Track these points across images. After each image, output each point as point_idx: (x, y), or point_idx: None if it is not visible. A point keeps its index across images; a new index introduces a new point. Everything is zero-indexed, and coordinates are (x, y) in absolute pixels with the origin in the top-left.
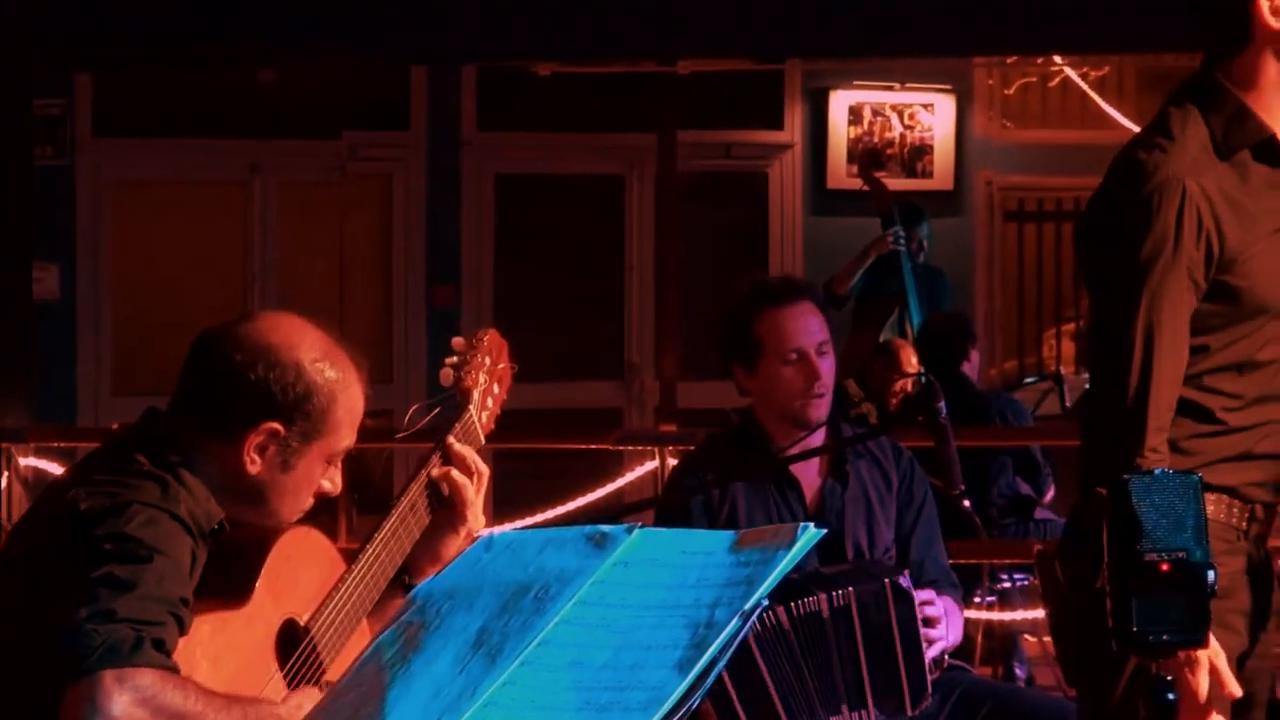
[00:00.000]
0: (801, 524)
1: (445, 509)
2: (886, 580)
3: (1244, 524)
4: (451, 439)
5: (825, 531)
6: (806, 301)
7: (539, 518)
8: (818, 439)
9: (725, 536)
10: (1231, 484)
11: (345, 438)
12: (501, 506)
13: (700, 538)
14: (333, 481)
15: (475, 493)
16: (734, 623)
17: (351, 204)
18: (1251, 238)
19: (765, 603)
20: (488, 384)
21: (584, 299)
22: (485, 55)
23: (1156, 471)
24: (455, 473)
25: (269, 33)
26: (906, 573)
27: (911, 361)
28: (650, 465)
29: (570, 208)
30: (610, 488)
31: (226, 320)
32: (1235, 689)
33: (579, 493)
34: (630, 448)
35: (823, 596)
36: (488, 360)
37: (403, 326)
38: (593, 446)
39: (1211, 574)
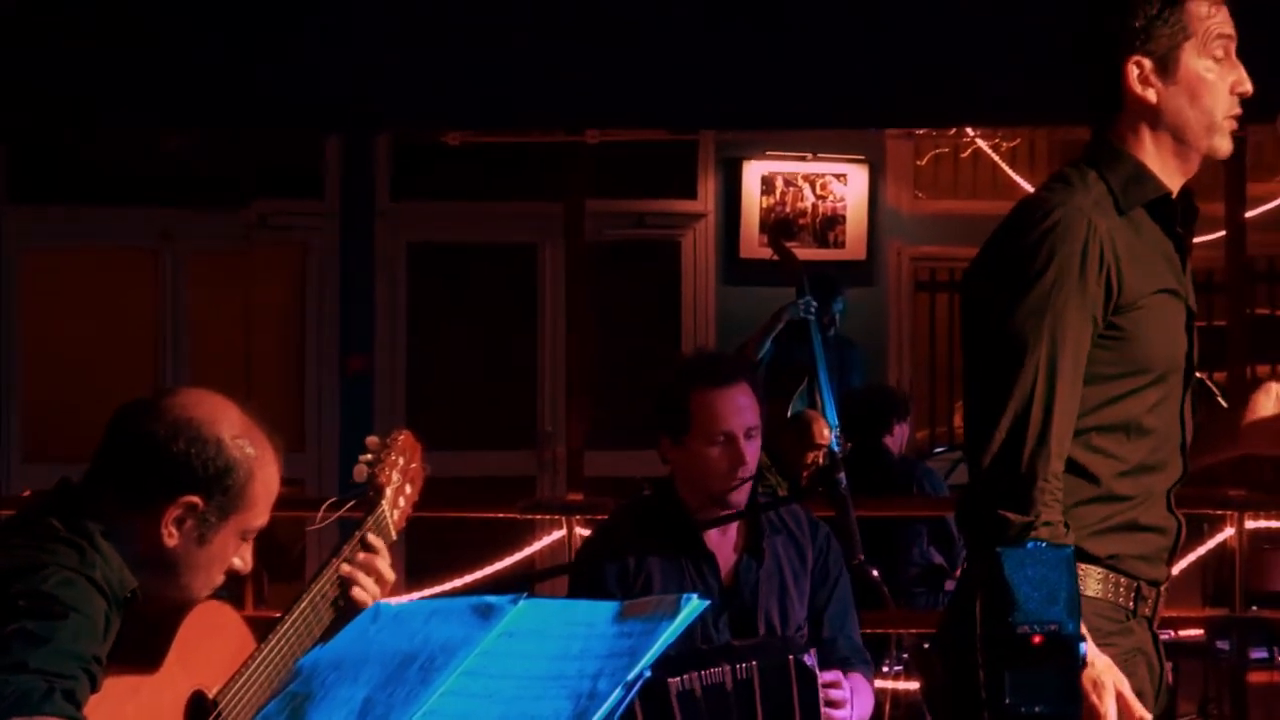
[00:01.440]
0: (684, 595)
1: (348, 608)
2: (791, 657)
3: (1131, 603)
4: (372, 537)
5: (709, 603)
6: (743, 384)
7: (452, 584)
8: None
9: (609, 607)
10: (1116, 553)
11: (261, 514)
12: (414, 575)
13: (584, 608)
14: (244, 559)
15: (375, 593)
16: (616, 693)
17: (265, 272)
18: (1146, 287)
19: (648, 673)
20: (400, 483)
21: (497, 367)
22: (396, 124)
23: (1029, 544)
24: (361, 579)
25: (180, 99)
26: (813, 652)
27: (824, 434)
28: (558, 534)
29: (484, 276)
30: (520, 556)
31: (146, 394)
32: (1144, 714)
33: (491, 561)
34: (539, 516)
35: (727, 668)
36: (401, 460)
37: (316, 395)
38: (499, 515)
39: (1084, 647)
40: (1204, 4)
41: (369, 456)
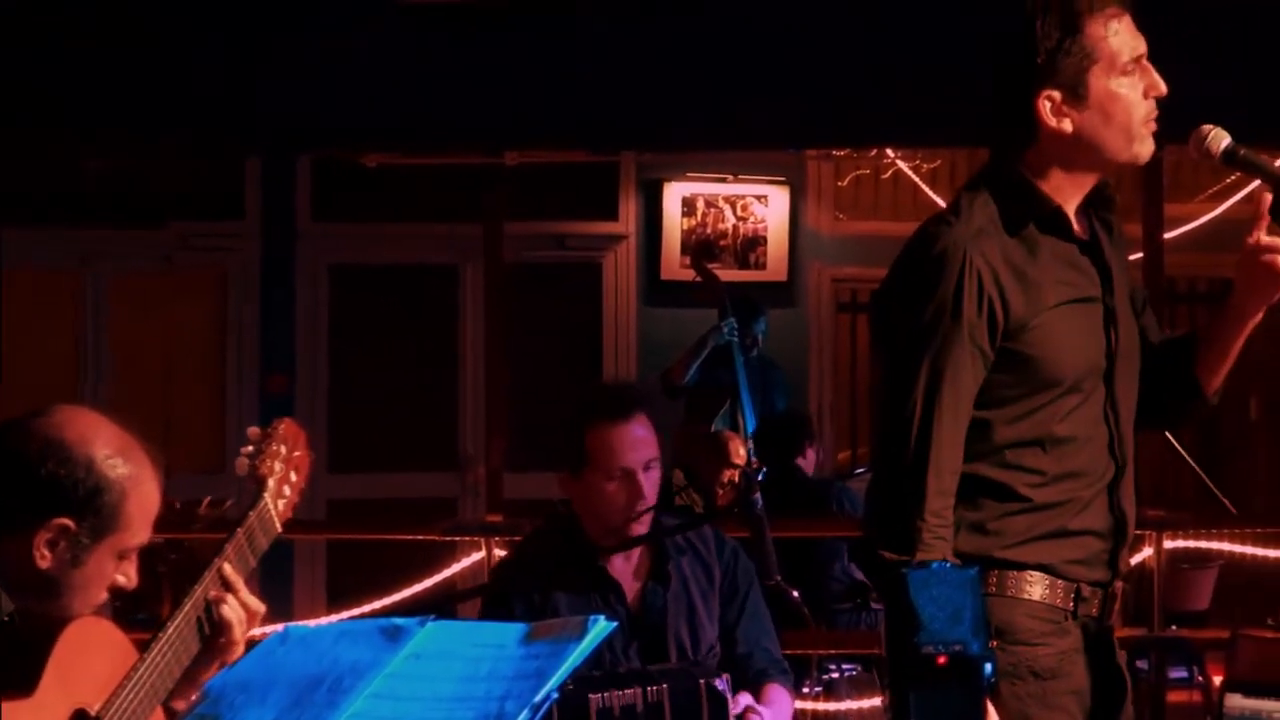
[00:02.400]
0: (592, 616)
1: (214, 633)
2: (702, 681)
3: (1070, 604)
4: (229, 569)
5: (615, 625)
6: (639, 416)
7: (372, 606)
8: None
9: (517, 629)
10: (1047, 561)
11: (138, 533)
12: (335, 597)
13: (492, 630)
14: (127, 576)
15: (242, 632)
16: (524, 715)
17: (185, 292)
18: (1038, 307)
19: (555, 695)
20: (284, 472)
21: (419, 389)
22: (316, 146)
23: (934, 564)
24: (225, 609)
25: (100, 120)
26: (726, 677)
27: (739, 452)
28: (478, 555)
29: (405, 298)
30: (440, 577)
31: (18, 415)
32: None
33: (412, 582)
34: (459, 538)
35: (639, 690)
36: (283, 449)
37: (236, 415)
38: (419, 538)
39: (989, 667)
40: (1100, 24)
41: (250, 449)
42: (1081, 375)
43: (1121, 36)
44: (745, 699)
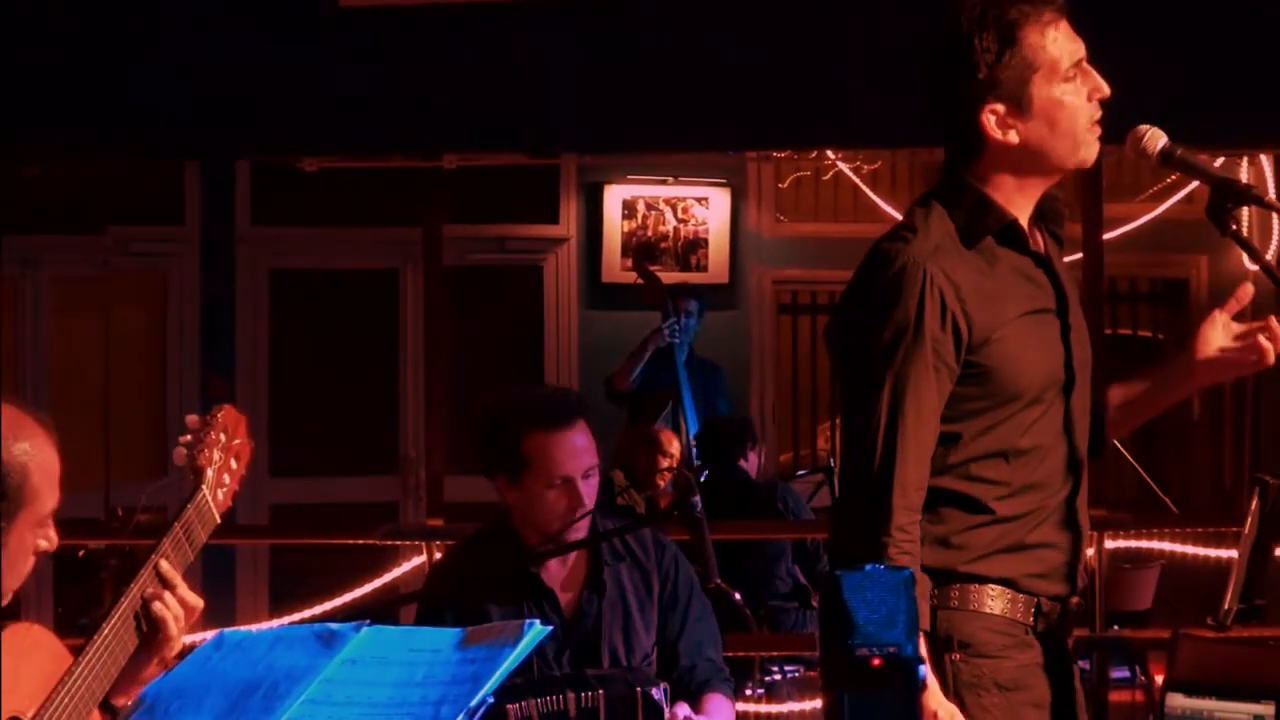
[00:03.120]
0: (527, 621)
1: (151, 631)
2: (639, 689)
3: (1030, 619)
4: (165, 566)
5: (550, 629)
6: (579, 423)
7: (313, 611)
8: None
9: (452, 634)
10: (1009, 575)
11: (48, 500)
12: (277, 602)
13: (428, 635)
14: (48, 539)
15: (179, 628)
16: None
17: (125, 297)
18: (999, 320)
19: (490, 699)
20: (223, 461)
21: (359, 393)
22: (254, 150)
23: (868, 567)
24: (158, 605)
25: (38, 127)
26: (664, 686)
27: (672, 445)
28: (419, 559)
29: (345, 302)
30: (382, 581)
31: None
32: None
33: (353, 587)
34: (400, 542)
35: (571, 695)
36: (223, 436)
37: (177, 420)
38: (360, 542)
39: (923, 669)
40: (1038, 32)
41: (188, 438)
42: (1042, 387)
43: (1060, 43)
44: (683, 710)
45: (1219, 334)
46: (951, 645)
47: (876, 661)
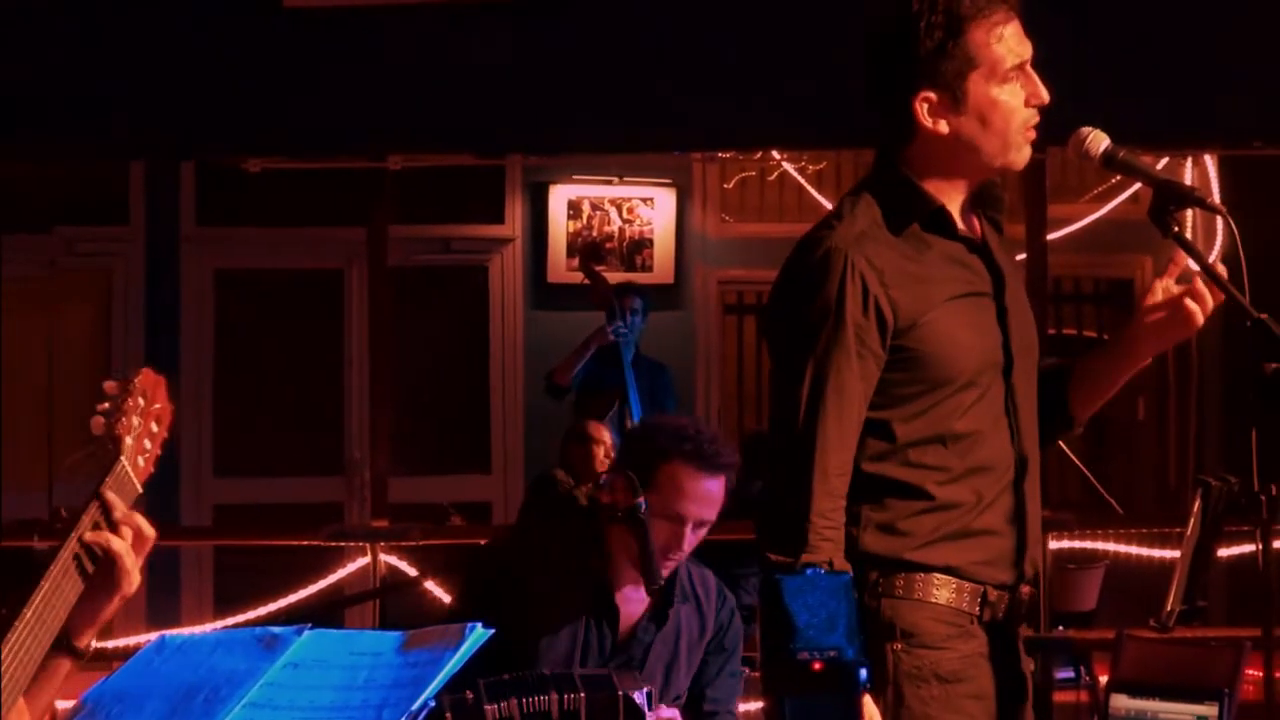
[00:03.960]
0: (469, 624)
1: (101, 572)
2: (621, 693)
3: (976, 608)
4: (110, 494)
5: (493, 632)
6: (722, 478)
7: (259, 612)
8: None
9: (394, 637)
10: (954, 563)
11: None
12: (222, 602)
13: (369, 639)
14: None
15: (136, 558)
16: None
17: (70, 297)
18: (928, 304)
19: (432, 703)
20: (143, 426)
21: (304, 393)
22: (199, 151)
23: (809, 571)
24: (116, 542)
25: None
26: (647, 689)
27: (604, 435)
28: (364, 561)
29: (290, 303)
30: (326, 582)
31: None
32: None
33: (298, 588)
34: (345, 543)
35: (555, 696)
36: (142, 401)
37: None
38: (305, 543)
39: (864, 672)
40: (985, 29)
41: (106, 406)
42: (977, 370)
43: (1006, 43)
44: (670, 711)
45: (1158, 296)
46: (894, 634)
47: (817, 666)
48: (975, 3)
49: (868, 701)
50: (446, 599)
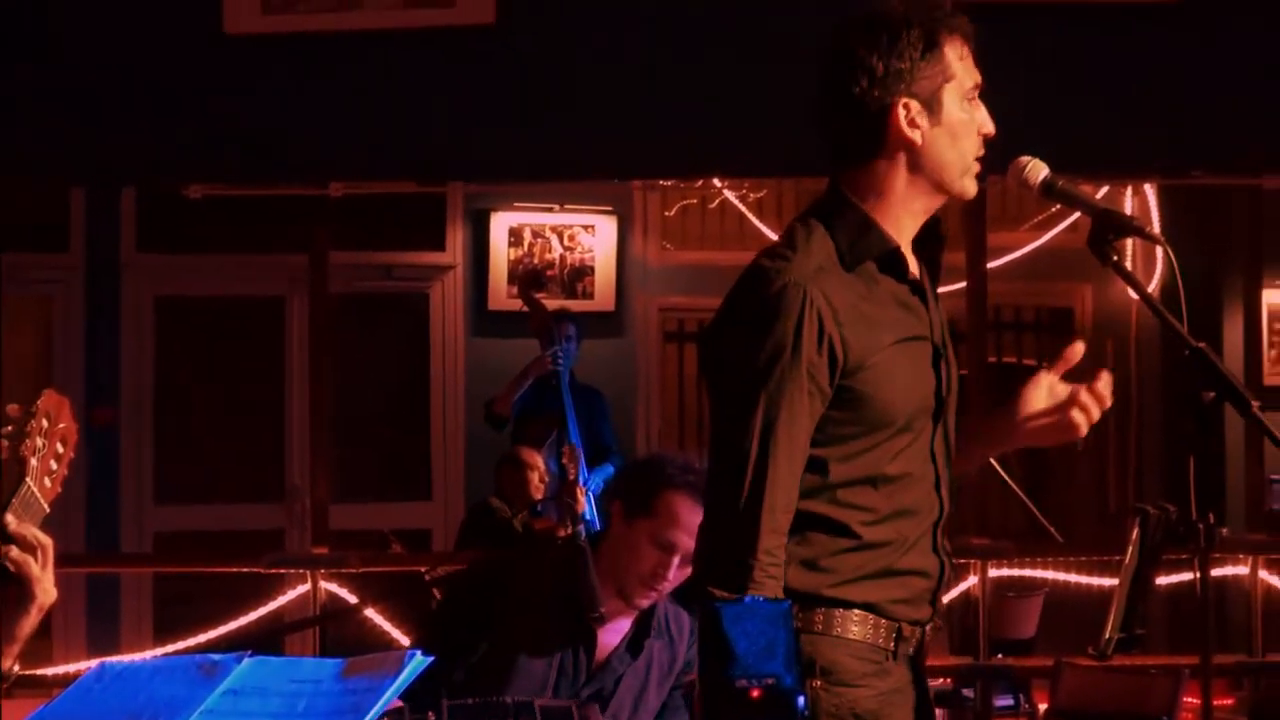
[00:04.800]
0: (409, 651)
1: (12, 587)
2: (574, 707)
3: (891, 644)
4: (9, 516)
5: (434, 659)
6: None
7: (199, 639)
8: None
9: (334, 664)
10: (874, 600)
11: None
12: (162, 629)
13: (309, 666)
14: None
15: (40, 567)
16: None
17: (10, 325)
18: (875, 346)
19: None
20: (48, 447)
21: (245, 420)
22: (139, 178)
23: (748, 599)
24: (14, 551)
25: None
26: (595, 707)
27: (536, 460)
28: (304, 588)
29: (231, 330)
30: (267, 609)
31: None
32: None
33: (238, 615)
34: (286, 570)
35: None
36: (45, 423)
37: None
38: (245, 570)
39: (802, 699)
40: (956, 47)
41: (10, 429)
42: (914, 414)
43: (967, 65)
44: None
45: (1042, 396)
46: (814, 671)
47: (756, 692)
48: (948, 21)
49: None
50: (387, 626)
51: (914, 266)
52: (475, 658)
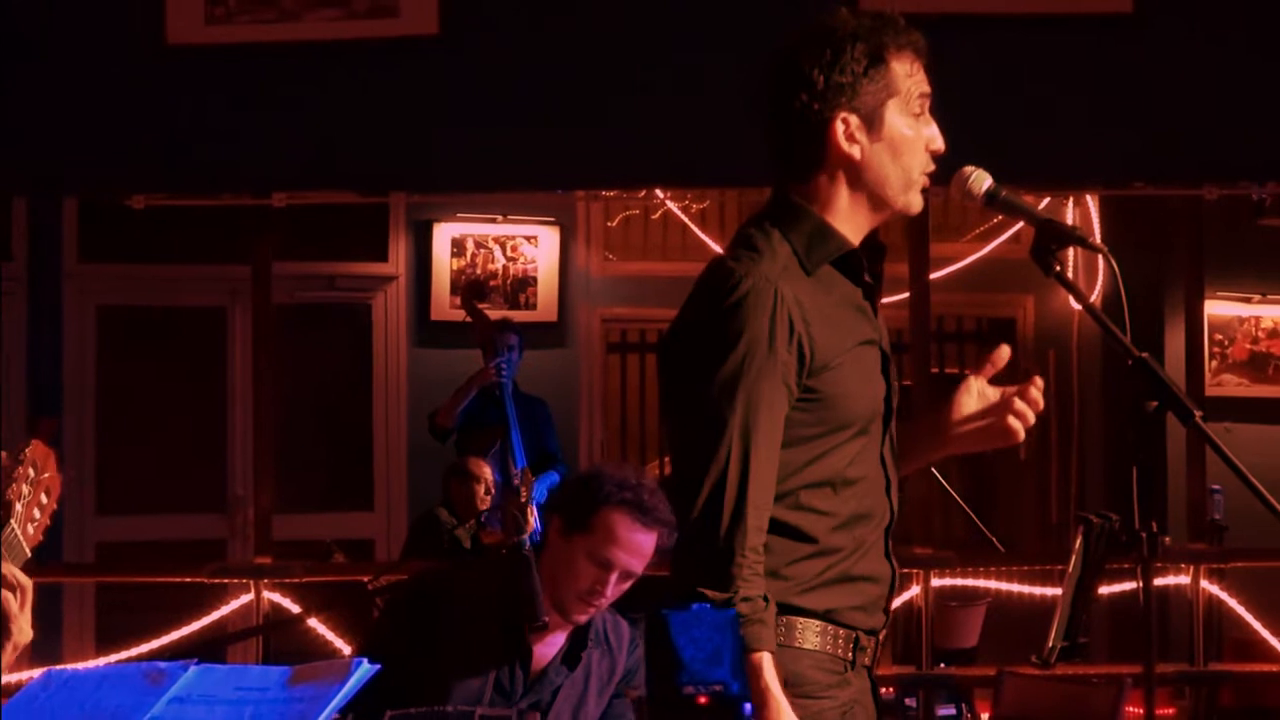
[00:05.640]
0: (355, 659)
1: None
2: (514, 715)
3: (850, 654)
4: None
5: (389, 667)
6: (656, 533)
7: (141, 649)
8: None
9: (280, 672)
10: (831, 608)
11: None
12: (104, 639)
13: (255, 674)
14: None
15: (20, 607)
16: None
17: None
18: (839, 348)
19: None
20: (33, 495)
21: (188, 430)
22: (81, 188)
23: (695, 606)
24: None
25: None
26: (536, 716)
27: (484, 472)
28: (247, 598)
29: (173, 340)
30: (210, 619)
31: None
32: None
33: (181, 625)
34: (228, 580)
35: None
36: (32, 471)
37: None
38: (188, 580)
39: (748, 707)
40: (905, 63)
41: None
42: (869, 418)
43: (918, 81)
44: None
45: (972, 401)
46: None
47: (703, 700)
48: (896, 39)
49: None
50: (330, 635)
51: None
52: (413, 669)
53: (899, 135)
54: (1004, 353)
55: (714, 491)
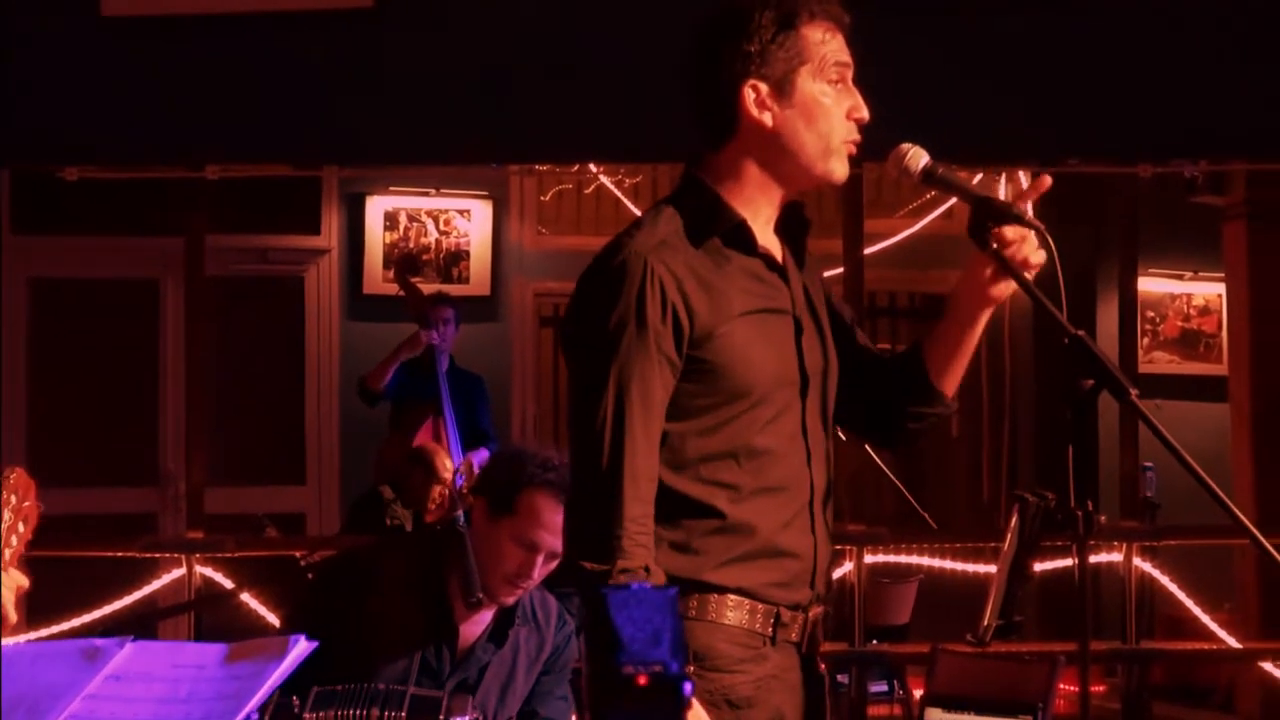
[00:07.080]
0: (293, 636)
1: None
2: (445, 696)
3: (770, 629)
4: None
5: (318, 644)
6: None
7: (71, 624)
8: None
9: (218, 650)
10: (747, 585)
11: None
12: (34, 614)
13: (192, 651)
14: None
15: (12, 604)
16: None
17: None
18: (723, 316)
19: (255, 717)
20: (12, 521)
21: (119, 403)
22: (14, 159)
23: (634, 586)
24: None
25: None
26: (474, 717)
27: (447, 466)
28: (179, 572)
29: (105, 312)
30: (141, 594)
31: None
32: None
33: (112, 600)
34: (160, 555)
35: (375, 712)
36: (14, 498)
37: None
38: (118, 554)
39: (688, 686)
40: (818, 30)
41: None
42: (771, 386)
43: (834, 49)
44: None
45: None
46: (687, 657)
47: (642, 680)
48: (809, 6)
49: (693, 715)
50: (262, 610)
51: (771, 245)
52: (338, 645)
53: (813, 102)
54: (1045, 181)
55: (591, 464)
